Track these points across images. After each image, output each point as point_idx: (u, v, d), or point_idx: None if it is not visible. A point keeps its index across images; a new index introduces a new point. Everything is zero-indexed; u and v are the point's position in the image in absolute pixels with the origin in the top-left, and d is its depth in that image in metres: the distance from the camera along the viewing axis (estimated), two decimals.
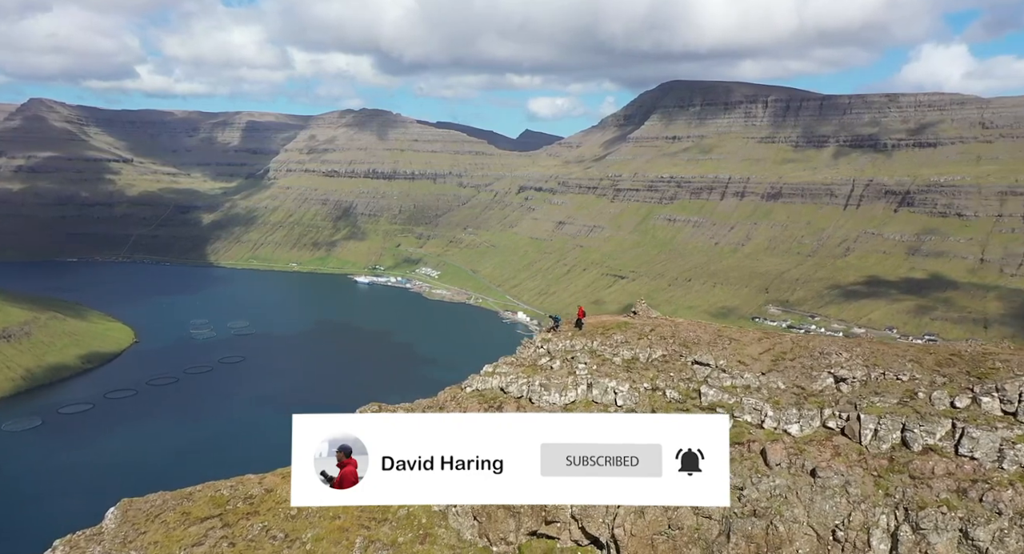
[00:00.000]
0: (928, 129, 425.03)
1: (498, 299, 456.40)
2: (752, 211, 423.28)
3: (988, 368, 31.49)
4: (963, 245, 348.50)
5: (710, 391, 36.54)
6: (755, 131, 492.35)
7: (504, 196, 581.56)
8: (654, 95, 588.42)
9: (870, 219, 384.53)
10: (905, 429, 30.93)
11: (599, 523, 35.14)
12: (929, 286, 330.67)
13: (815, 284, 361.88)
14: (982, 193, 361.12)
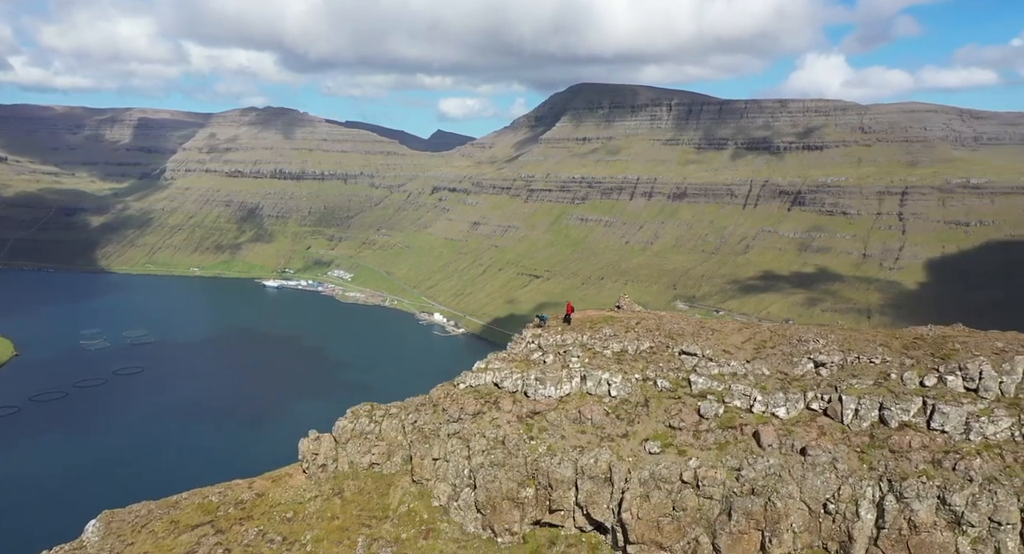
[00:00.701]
0: (815, 133, 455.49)
1: (414, 300, 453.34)
2: (659, 211, 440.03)
3: (949, 349, 35.80)
4: (848, 241, 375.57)
5: (699, 379, 39.40)
6: (660, 133, 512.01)
7: (418, 197, 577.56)
8: (564, 97, 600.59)
9: (767, 217, 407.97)
10: (882, 408, 34.72)
11: (604, 509, 37.22)
12: (818, 279, 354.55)
13: (718, 280, 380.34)
14: (863, 193, 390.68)
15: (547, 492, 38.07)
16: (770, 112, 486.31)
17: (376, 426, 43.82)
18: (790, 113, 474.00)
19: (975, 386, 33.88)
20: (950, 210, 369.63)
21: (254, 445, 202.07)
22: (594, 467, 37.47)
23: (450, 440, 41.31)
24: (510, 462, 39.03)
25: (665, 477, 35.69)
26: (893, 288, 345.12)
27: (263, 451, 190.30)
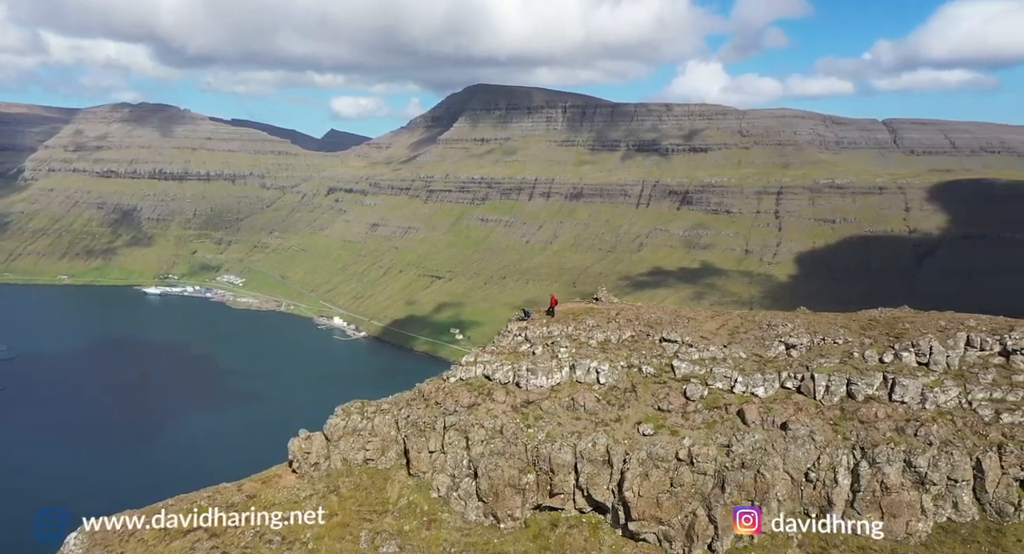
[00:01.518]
0: (699, 136, 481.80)
1: (312, 305, 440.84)
2: (558, 210, 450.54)
3: (901, 329, 40.39)
4: (731, 238, 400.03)
5: (682, 364, 42.21)
6: (555, 135, 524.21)
7: (313, 198, 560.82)
8: (461, 98, 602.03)
9: (658, 216, 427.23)
10: (849, 383, 38.75)
11: (604, 489, 39.24)
12: (704, 274, 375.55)
13: (614, 277, 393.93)
14: (744, 193, 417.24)
15: (548, 477, 39.65)
16: (657, 115, 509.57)
17: (368, 422, 43.85)
18: (676, 117, 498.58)
19: (926, 361, 38.55)
20: (819, 208, 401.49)
21: (138, 464, 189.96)
22: (592, 451, 39.40)
23: (448, 432, 42.03)
24: (510, 450, 40.33)
25: (662, 456, 38.12)
26: (770, 281, 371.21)
27: (150, 470, 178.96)
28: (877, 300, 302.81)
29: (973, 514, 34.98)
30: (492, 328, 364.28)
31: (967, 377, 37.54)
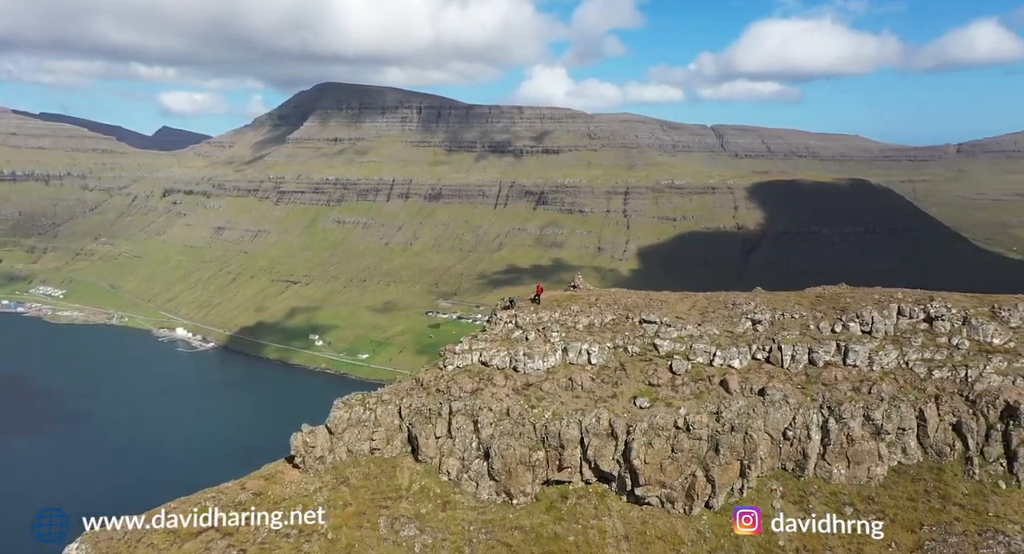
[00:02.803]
0: (550, 138, 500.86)
1: (150, 316, 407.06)
2: (417, 211, 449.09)
3: (844, 303, 46.81)
4: (585, 236, 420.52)
5: (664, 342, 46.08)
6: (410, 135, 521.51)
7: (146, 200, 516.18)
8: (311, 96, 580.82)
9: (515, 216, 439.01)
10: (811, 352, 44.45)
11: (610, 460, 42.17)
12: (559, 271, 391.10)
13: (475, 277, 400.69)
14: (595, 193, 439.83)
15: (557, 452, 41.94)
16: (510, 117, 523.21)
17: (371, 413, 44.12)
18: (528, 119, 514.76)
19: (869, 329, 45.12)
20: (662, 207, 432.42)
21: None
22: (597, 425, 42.18)
23: (455, 417, 43.20)
24: (519, 430, 42.26)
25: (662, 426, 41.65)
26: (616, 276, 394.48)
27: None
28: (712, 291, 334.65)
29: (918, 456, 41.71)
30: (353, 332, 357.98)
31: (902, 341, 44.52)
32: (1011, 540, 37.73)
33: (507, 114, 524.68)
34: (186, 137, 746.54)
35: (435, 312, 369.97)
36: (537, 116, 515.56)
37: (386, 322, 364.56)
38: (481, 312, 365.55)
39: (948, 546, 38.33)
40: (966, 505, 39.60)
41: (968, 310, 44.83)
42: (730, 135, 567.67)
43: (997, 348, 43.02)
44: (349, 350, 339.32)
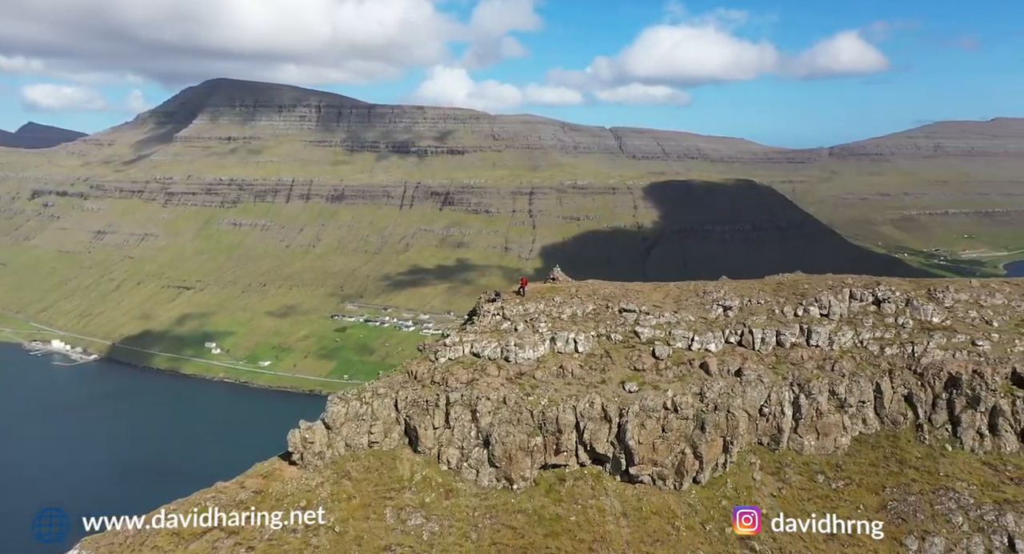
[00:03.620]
0: (454, 138, 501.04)
1: (20, 328, 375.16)
2: (319, 213, 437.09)
3: (803, 289, 50.95)
4: (492, 236, 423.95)
5: (644, 330, 48.56)
6: (309, 134, 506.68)
7: (11, 202, 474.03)
8: (201, 92, 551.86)
9: (422, 217, 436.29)
10: (778, 334, 48.20)
11: (604, 442, 44.12)
12: (466, 270, 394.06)
13: (382, 278, 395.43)
14: (500, 193, 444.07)
15: (555, 437, 43.47)
16: (412, 117, 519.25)
17: (367, 407, 44.18)
18: (431, 119, 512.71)
19: (827, 312, 49.43)
20: (566, 207, 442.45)
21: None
22: (591, 410, 44.04)
23: (453, 408, 43.93)
24: (517, 417, 43.52)
25: (652, 408, 44.00)
26: (520, 274, 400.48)
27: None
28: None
29: (876, 426, 46.24)
30: (252, 338, 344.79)
31: (856, 323, 49.09)
32: (960, 496, 42.67)
33: (409, 114, 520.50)
34: (57, 134, 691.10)
35: (341, 316, 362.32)
36: (440, 116, 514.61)
37: (288, 327, 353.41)
38: (388, 315, 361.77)
39: (908, 504, 42.83)
40: (920, 467, 44.36)
41: (909, 293, 50.07)
42: (628, 137, 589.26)
43: (936, 326, 48.35)
44: (250, 357, 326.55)
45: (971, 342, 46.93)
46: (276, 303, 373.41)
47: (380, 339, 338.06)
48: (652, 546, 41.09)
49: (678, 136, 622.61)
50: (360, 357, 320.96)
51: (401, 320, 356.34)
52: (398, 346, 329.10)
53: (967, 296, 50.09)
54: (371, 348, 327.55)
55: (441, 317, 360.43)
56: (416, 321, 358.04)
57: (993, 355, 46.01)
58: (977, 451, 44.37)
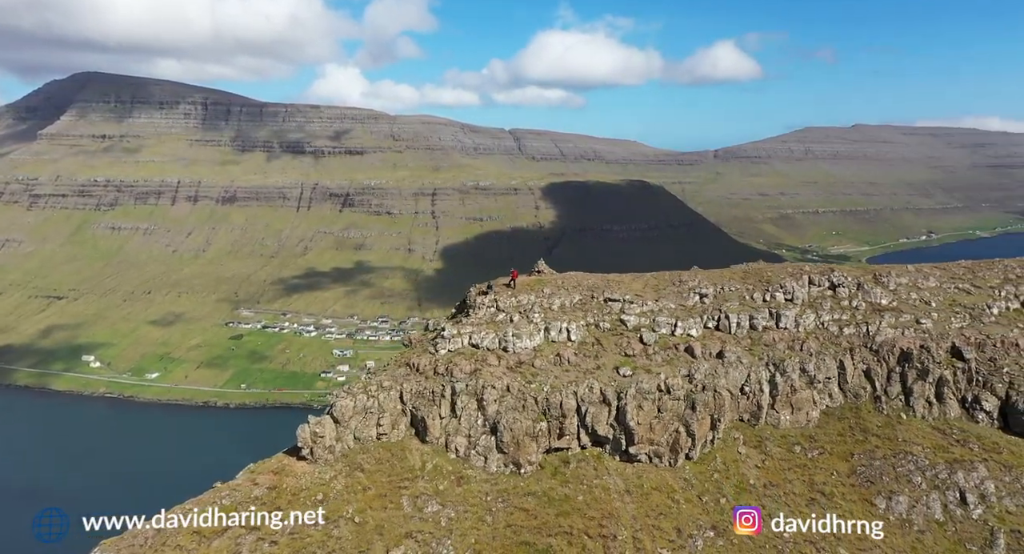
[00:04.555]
0: (353, 138, 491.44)
1: None
2: (209, 215, 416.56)
3: (767, 277, 55.28)
4: (395, 238, 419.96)
5: (630, 318, 51.23)
6: (194, 132, 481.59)
7: None
8: (68, 87, 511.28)
9: (321, 219, 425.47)
10: (751, 318, 52.18)
11: (605, 424, 46.38)
12: (363, 272, 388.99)
13: (281, 283, 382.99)
14: (402, 194, 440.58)
15: (559, 422, 45.34)
16: (306, 116, 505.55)
17: (374, 400, 44.58)
18: (328, 119, 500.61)
19: (791, 297, 53.98)
20: (469, 208, 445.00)
21: None
22: (591, 394, 46.18)
23: (459, 397, 45.01)
24: (522, 404, 45.09)
25: (647, 390, 46.66)
26: (422, 276, 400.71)
27: None
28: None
29: (840, 399, 51.09)
30: (136, 350, 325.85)
31: (816, 306, 53.94)
32: (917, 458, 48.02)
33: (303, 113, 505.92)
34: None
35: (236, 323, 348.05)
36: (337, 116, 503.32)
37: (177, 337, 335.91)
38: (288, 320, 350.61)
39: (873, 468, 47.76)
40: (881, 435, 49.49)
41: (860, 278, 55.57)
42: (526, 138, 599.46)
43: (885, 307, 53.97)
44: (135, 370, 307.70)
45: (916, 321, 52.82)
46: (163, 311, 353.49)
47: (280, 346, 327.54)
48: (656, 519, 43.71)
49: (575, 138, 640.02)
50: (258, 365, 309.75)
51: (301, 325, 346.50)
52: (299, 352, 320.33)
53: (907, 280, 56.21)
54: (270, 355, 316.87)
55: (344, 321, 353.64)
56: (318, 326, 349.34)
57: (935, 331, 52.03)
58: (927, 418, 50.07)
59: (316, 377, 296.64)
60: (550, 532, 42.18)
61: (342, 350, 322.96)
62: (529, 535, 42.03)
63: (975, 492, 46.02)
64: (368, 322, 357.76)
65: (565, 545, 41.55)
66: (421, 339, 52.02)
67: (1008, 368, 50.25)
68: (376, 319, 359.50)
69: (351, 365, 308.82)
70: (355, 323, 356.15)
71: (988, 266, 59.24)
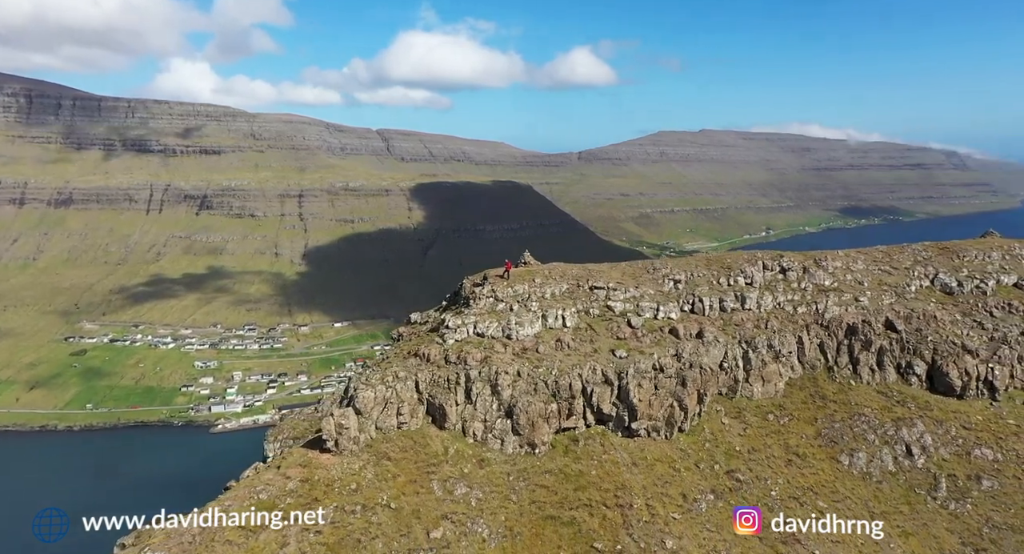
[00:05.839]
0: (206, 136, 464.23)
1: None
2: (40, 220, 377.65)
3: (728, 263, 61.04)
4: (260, 241, 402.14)
5: (617, 304, 54.93)
6: (14, 127, 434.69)
7: None
8: None
9: (176, 222, 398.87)
10: (721, 301, 57.52)
11: (608, 403, 49.65)
12: (219, 278, 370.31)
13: (127, 292, 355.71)
14: (266, 196, 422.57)
15: (568, 403, 48.26)
16: (151, 111, 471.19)
17: (392, 391, 45.54)
18: (178, 116, 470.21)
19: (751, 281, 59.99)
20: (339, 209, 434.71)
21: None
22: (594, 375, 49.33)
23: (474, 384, 46.94)
24: (534, 388, 47.64)
25: (644, 370, 50.48)
26: (284, 280, 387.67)
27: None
28: (396, 288, 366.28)
29: (800, 371, 57.62)
30: None
31: (772, 288, 60.33)
32: (868, 419, 55.31)
33: (148, 108, 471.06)
34: None
35: (77, 337, 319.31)
36: (188, 112, 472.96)
37: (4, 356, 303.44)
38: (141, 332, 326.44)
39: (835, 430, 54.50)
40: (837, 400, 56.45)
41: (804, 263, 62.73)
42: (395, 139, 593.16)
43: (828, 288, 61.39)
44: None
45: (855, 299, 60.56)
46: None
47: (132, 360, 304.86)
48: (664, 487, 47.60)
49: (444, 139, 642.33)
50: (106, 382, 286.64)
51: (157, 337, 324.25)
52: (156, 366, 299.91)
53: (840, 264, 64.14)
54: (119, 371, 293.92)
55: (206, 331, 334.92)
56: (176, 337, 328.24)
57: (872, 307, 59.99)
58: (871, 383, 57.69)
59: (176, 392, 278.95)
60: (571, 505, 44.91)
61: (205, 361, 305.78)
62: (553, 510, 44.56)
63: (917, 445, 53.82)
64: (233, 331, 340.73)
65: (587, 516, 44.43)
66: (414, 331, 52.87)
67: (931, 337, 58.96)
68: (242, 327, 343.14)
69: (216, 377, 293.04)
70: (218, 332, 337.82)
71: (900, 251, 68.71)
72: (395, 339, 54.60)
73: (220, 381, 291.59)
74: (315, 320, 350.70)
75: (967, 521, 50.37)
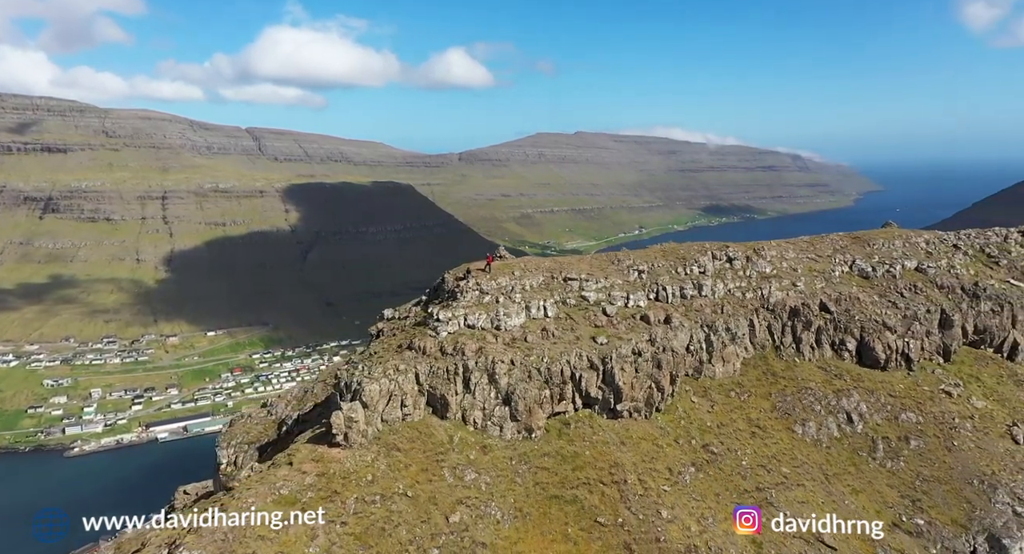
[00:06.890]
0: (47, 133, 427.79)
1: None
2: None
3: (681, 254, 66.24)
4: (117, 247, 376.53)
5: (590, 294, 58.60)
6: None
7: None
8: None
9: (13, 228, 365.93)
10: (681, 289, 62.59)
11: (595, 387, 53.16)
12: (65, 287, 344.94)
13: None
14: (124, 198, 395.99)
15: (559, 388, 51.33)
16: None
17: (395, 384, 47.00)
18: (11, 110, 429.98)
19: (704, 270, 65.46)
20: (208, 211, 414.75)
21: None
22: (581, 361, 52.63)
23: (472, 374, 49.24)
24: (529, 375, 50.74)
25: (625, 354, 54.34)
26: (148, 287, 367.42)
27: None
28: (274, 293, 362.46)
29: (752, 351, 63.69)
30: None
31: (722, 276, 66.16)
32: (814, 392, 62.19)
33: None
34: None
35: None
36: (23, 106, 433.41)
37: None
38: None
39: (787, 403, 60.91)
40: (785, 376, 63.01)
41: (747, 253, 69.22)
42: (267, 138, 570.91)
43: (770, 275, 68.15)
44: None
45: (792, 284, 67.66)
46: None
47: None
48: (652, 462, 51.72)
49: (320, 139, 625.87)
50: None
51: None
52: None
53: (775, 253, 71.24)
54: None
55: (57, 346, 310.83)
56: (20, 354, 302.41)
57: (808, 291, 67.30)
58: (812, 360, 64.81)
59: (21, 414, 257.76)
60: (572, 485, 48.08)
61: (56, 379, 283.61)
62: (556, 490, 47.59)
63: (855, 413, 61.24)
64: (90, 344, 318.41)
65: (587, 493, 47.77)
66: (395, 326, 54.24)
67: (858, 316, 67.01)
68: (100, 340, 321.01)
69: (70, 395, 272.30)
70: (72, 347, 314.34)
71: (820, 240, 77.15)
72: (375, 335, 55.62)
73: (75, 400, 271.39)
74: (184, 329, 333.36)
75: (902, 477, 58.03)
